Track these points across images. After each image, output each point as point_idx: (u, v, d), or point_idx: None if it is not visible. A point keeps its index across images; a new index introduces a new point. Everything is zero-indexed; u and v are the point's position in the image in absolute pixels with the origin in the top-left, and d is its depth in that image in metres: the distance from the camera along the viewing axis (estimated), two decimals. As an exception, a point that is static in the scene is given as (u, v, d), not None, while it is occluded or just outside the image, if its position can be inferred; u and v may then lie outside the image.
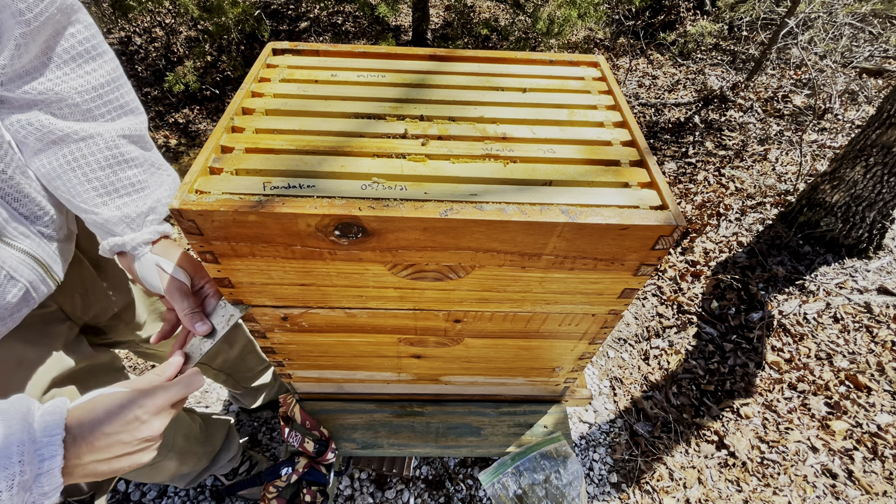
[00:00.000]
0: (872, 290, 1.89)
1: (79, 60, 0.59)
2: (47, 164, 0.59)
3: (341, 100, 0.73)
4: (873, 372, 1.66)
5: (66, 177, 0.59)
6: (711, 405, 1.60)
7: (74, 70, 0.58)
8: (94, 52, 0.60)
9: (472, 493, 1.40)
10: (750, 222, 2.17)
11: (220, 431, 1.17)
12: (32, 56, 0.54)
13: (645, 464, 1.48)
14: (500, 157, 0.65)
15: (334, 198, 0.57)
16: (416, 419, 1.14)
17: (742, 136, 2.65)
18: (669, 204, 0.60)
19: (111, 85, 0.61)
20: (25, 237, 0.58)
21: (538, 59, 0.86)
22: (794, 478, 1.44)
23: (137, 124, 0.65)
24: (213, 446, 1.14)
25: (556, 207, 0.58)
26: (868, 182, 1.81)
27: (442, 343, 0.87)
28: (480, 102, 0.75)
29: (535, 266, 0.65)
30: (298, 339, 0.85)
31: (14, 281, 0.57)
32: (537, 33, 2.63)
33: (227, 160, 0.61)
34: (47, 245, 0.62)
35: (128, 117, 0.64)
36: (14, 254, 0.57)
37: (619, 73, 3.30)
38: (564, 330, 0.83)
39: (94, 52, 0.60)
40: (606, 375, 1.71)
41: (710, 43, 3.53)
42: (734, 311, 1.85)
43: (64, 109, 0.58)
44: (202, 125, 2.78)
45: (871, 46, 3.25)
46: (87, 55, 0.59)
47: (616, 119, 0.74)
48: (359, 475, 1.41)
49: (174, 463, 1.00)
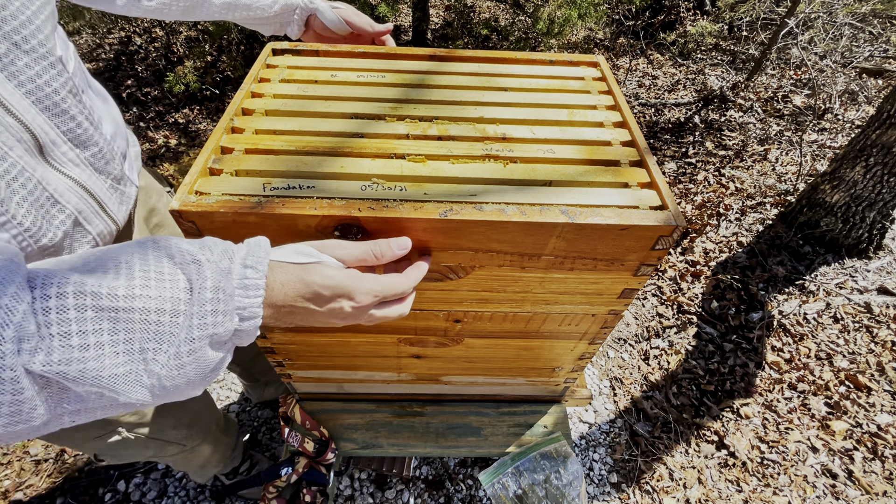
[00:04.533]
0: (872, 290, 1.89)
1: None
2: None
3: (341, 100, 0.73)
4: (873, 372, 1.66)
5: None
6: (711, 405, 1.60)
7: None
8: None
9: (472, 493, 1.40)
10: (750, 222, 2.17)
11: (233, 426, 1.23)
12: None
13: (645, 464, 1.48)
14: (500, 157, 0.65)
15: (334, 199, 0.57)
16: (416, 419, 1.14)
17: (742, 136, 2.65)
18: (669, 204, 0.60)
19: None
20: (74, 165, 0.57)
21: (538, 59, 0.86)
22: (794, 478, 1.44)
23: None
24: (232, 439, 1.21)
25: (555, 208, 0.58)
26: (868, 182, 1.81)
27: (442, 343, 0.87)
28: (480, 103, 0.75)
29: (534, 266, 0.65)
30: (298, 339, 0.85)
31: (60, 206, 0.55)
32: (537, 33, 2.63)
33: (226, 161, 0.61)
34: (98, 178, 0.61)
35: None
36: (61, 178, 0.55)
37: (619, 73, 3.30)
38: (564, 330, 0.83)
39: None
40: (606, 375, 1.71)
41: (710, 43, 3.53)
42: (734, 311, 1.85)
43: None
44: (202, 125, 2.78)
45: (871, 46, 3.25)
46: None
47: (616, 119, 0.74)
48: (359, 475, 1.41)
49: (209, 448, 1.07)
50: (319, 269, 0.45)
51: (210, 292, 0.38)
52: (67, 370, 0.33)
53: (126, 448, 0.85)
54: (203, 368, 0.39)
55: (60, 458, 1.45)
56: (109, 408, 0.37)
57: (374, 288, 0.47)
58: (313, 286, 0.44)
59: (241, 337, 0.42)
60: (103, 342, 0.34)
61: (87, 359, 0.34)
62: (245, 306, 0.41)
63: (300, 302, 0.44)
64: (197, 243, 0.41)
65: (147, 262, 0.38)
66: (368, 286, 0.47)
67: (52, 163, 0.55)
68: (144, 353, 0.36)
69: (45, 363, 0.32)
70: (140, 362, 0.36)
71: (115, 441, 0.81)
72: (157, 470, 1.43)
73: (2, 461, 1.44)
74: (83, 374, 0.33)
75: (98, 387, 0.34)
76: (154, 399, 0.38)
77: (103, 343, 0.34)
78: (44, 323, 0.33)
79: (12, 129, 0.49)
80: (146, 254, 0.38)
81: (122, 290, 0.35)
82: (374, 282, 0.48)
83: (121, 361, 0.35)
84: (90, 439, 0.79)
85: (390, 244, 0.51)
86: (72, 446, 0.84)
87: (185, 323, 0.37)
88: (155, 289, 0.37)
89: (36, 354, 0.32)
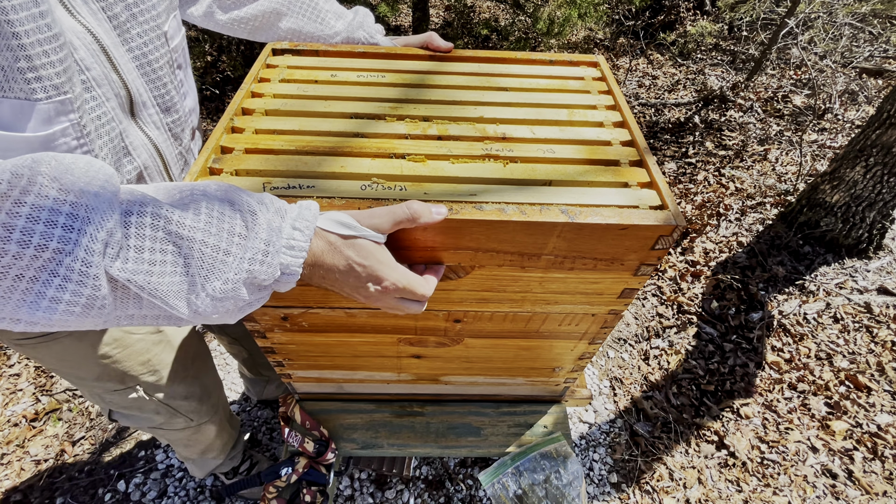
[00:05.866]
0: (872, 290, 1.89)
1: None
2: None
3: (341, 100, 0.73)
4: (873, 372, 1.66)
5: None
6: (711, 405, 1.60)
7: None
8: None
9: (472, 493, 1.40)
10: (750, 222, 2.17)
11: (236, 421, 1.26)
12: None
13: (645, 464, 1.48)
14: (500, 157, 0.65)
15: (334, 198, 0.57)
16: (416, 419, 1.13)
17: (742, 136, 2.65)
18: (669, 204, 0.60)
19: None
20: (156, 127, 0.65)
21: (538, 59, 0.86)
22: (794, 478, 1.44)
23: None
24: (235, 431, 1.24)
25: (555, 207, 0.58)
26: (868, 182, 1.81)
27: (442, 343, 0.87)
28: (480, 102, 0.75)
29: (534, 266, 0.65)
30: (298, 339, 0.85)
31: (130, 157, 0.63)
32: (537, 33, 2.63)
33: (226, 161, 0.61)
34: (172, 143, 0.69)
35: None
36: (139, 135, 0.63)
37: (619, 73, 3.30)
38: (564, 330, 0.83)
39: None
40: (606, 375, 1.71)
41: (710, 43, 3.53)
42: (734, 311, 1.85)
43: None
44: (202, 125, 2.79)
45: (871, 46, 3.25)
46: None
47: (616, 119, 0.74)
48: (359, 475, 1.41)
49: (214, 429, 1.10)
50: (360, 246, 0.49)
51: (262, 243, 0.44)
52: (136, 279, 0.39)
53: (140, 410, 0.90)
54: (240, 302, 0.45)
55: (60, 458, 1.45)
56: (158, 318, 0.44)
57: (400, 280, 0.51)
58: (350, 261, 0.49)
59: (280, 286, 0.48)
60: (167, 261, 0.40)
61: (153, 273, 0.39)
62: (288, 263, 0.45)
63: (335, 271, 0.49)
64: (256, 196, 0.46)
65: (212, 202, 0.43)
66: (396, 277, 0.51)
67: (138, 121, 0.63)
68: (196, 277, 0.42)
69: (122, 269, 0.38)
70: (192, 284, 0.42)
71: (133, 398, 0.86)
72: (157, 470, 1.43)
73: (2, 461, 1.44)
74: (147, 284, 0.39)
75: (154, 297, 0.40)
76: (193, 317, 0.44)
77: (167, 262, 0.40)
78: (126, 235, 0.39)
79: (114, 85, 0.57)
80: (212, 194, 0.44)
81: (189, 220, 0.41)
82: (402, 275, 0.52)
83: (177, 280, 0.41)
84: (110, 391, 0.84)
85: (428, 207, 0.54)
86: (92, 398, 0.89)
87: (235, 263, 0.43)
88: (216, 226, 0.42)
89: (116, 260, 0.38)
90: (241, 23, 0.83)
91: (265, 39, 0.86)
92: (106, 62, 0.55)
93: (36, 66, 0.45)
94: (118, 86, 0.58)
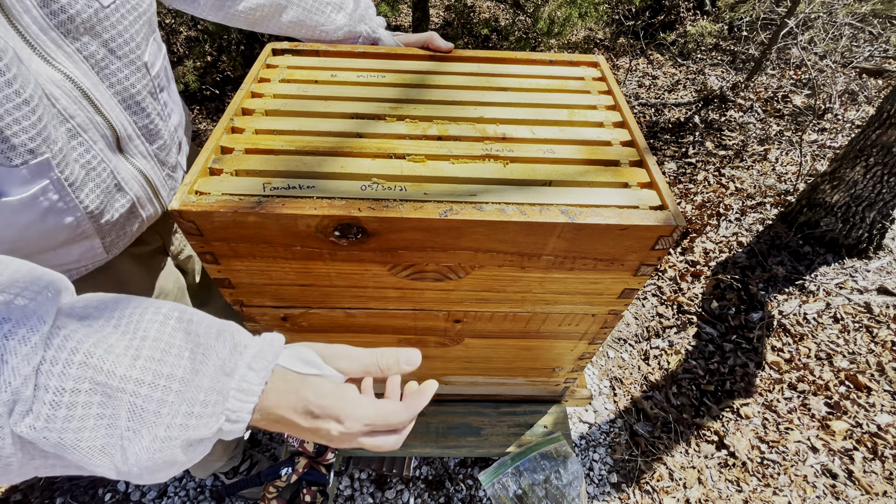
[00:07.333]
0: (872, 290, 1.89)
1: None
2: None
3: (341, 100, 0.73)
4: (873, 372, 1.66)
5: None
6: (711, 405, 1.60)
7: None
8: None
9: (472, 493, 1.40)
10: (750, 222, 2.17)
11: None
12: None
13: (645, 464, 1.48)
14: (500, 157, 0.65)
15: (334, 198, 0.57)
16: (415, 419, 1.14)
17: (742, 136, 2.65)
18: (669, 204, 0.60)
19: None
20: (143, 157, 0.65)
21: (538, 59, 0.86)
22: (794, 478, 1.44)
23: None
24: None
25: (555, 208, 0.58)
26: (868, 182, 1.81)
27: (442, 343, 0.87)
28: (480, 103, 0.75)
29: (534, 266, 0.65)
30: (298, 339, 0.85)
31: (123, 192, 0.63)
32: (537, 33, 2.63)
33: (226, 161, 0.61)
34: (159, 169, 0.69)
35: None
36: (129, 168, 0.63)
37: (619, 73, 3.30)
38: (564, 330, 0.83)
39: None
40: (606, 375, 1.71)
41: (710, 43, 3.53)
42: (734, 311, 1.85)
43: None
44: (202, 125, 2.78)
45: (871, 46, 3.25)
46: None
47: (616, 119, 0.74)
48: (359, 475, 1.41)
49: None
50: (317, 384, 0.43)
51: (203, 393, 0.38)
52: (48, 436, 0.33)
53: None
54: (171, 463, 0.38)
55: (60, 458, 1.45)
56: (77, 470, 0.38)
57: (366, 415, 0.44)
58: (305, 401, 0.42)
59: (224, 435, 0.41)
60: (89, 415, 0.34)
61: (68, 430, 0.34)
62: (235, 409, 0.40)
63: (289, 413, 0.42)
64: (217, 326, 0.41)
65: (161, 333, 0.38)
66: (361, 413, 0.44)
67: (126, 155, 0.62)
68: (124, 433, 0.36)
69: (30, 426, 0.33)
70: (117, 439, 0.36)
71: None
72: (157, 470, 1.43)
73: (2, 461, 1.44)
74: (60, 442, 0.34)
75: (69, 454, 0.35)
76: (119, 476, 0.38)
77: (89, 416, 0.34)
78: (43, 386, 0.33)
79: (99, 127, 0.57)
80: (164, 320, 0.39)
81: (122, 369, 0.35)
82: (368, 409, 0.45)
83: (100, 435, 0.35)
84: None
85: (398, 358, 0.50)
86: None
87: (169, 413, 0.37)
88: (153, 371, 0.36)
89: (25, 417, 0.33)
90: (245, 13, 0.80)
91: (265, 31, 0.86)
92: (88, 106, 0.55)
93: (7, 137, 0.45)
94: (103, 126, 0.57)
